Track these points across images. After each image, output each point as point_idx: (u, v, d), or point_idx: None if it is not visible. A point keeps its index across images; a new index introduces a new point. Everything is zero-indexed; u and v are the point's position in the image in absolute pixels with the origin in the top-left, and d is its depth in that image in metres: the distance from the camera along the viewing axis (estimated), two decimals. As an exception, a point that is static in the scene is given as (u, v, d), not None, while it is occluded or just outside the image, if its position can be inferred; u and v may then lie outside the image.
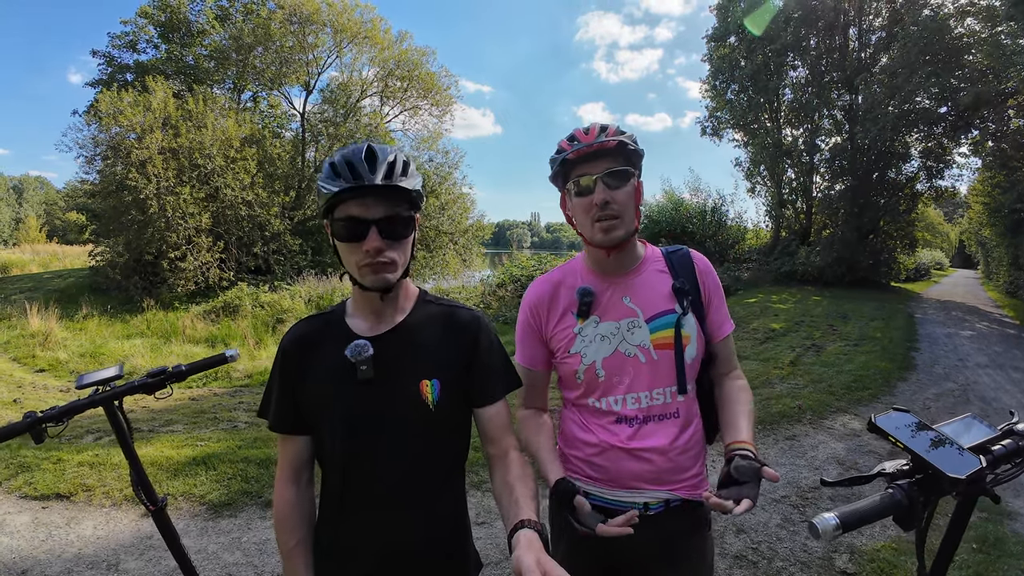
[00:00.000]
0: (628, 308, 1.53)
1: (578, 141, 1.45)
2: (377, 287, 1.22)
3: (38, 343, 10.75)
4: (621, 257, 1.54)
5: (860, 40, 20.74)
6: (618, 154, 1.44)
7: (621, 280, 1.55)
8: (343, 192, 1.15)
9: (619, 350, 1.52)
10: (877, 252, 20.20)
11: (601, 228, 1.45)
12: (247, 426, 5.67)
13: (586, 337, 1.53)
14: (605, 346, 1.52)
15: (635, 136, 1.48)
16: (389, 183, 1.16)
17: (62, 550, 3.35)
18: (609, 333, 1.53)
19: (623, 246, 1.51)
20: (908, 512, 0.96)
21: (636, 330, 1.51)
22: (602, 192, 1.43)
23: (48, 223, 58.20)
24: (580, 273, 1.60)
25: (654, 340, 1.51)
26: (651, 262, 1.59)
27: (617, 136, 1.44)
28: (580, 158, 1.45)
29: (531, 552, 0.95)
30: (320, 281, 16.64)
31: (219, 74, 22.62)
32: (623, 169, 1.44)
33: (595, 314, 1.54)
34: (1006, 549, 3.44)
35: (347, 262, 1.23)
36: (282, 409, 1.30)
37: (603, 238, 1.46)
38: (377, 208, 1.18)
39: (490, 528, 3.60)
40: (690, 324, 1.52)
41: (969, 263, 45.68)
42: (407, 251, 1.26)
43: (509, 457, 1.29)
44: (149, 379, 1.73)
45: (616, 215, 1.44)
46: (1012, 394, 7.14)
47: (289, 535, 1.29)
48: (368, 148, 1.17)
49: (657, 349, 1.51)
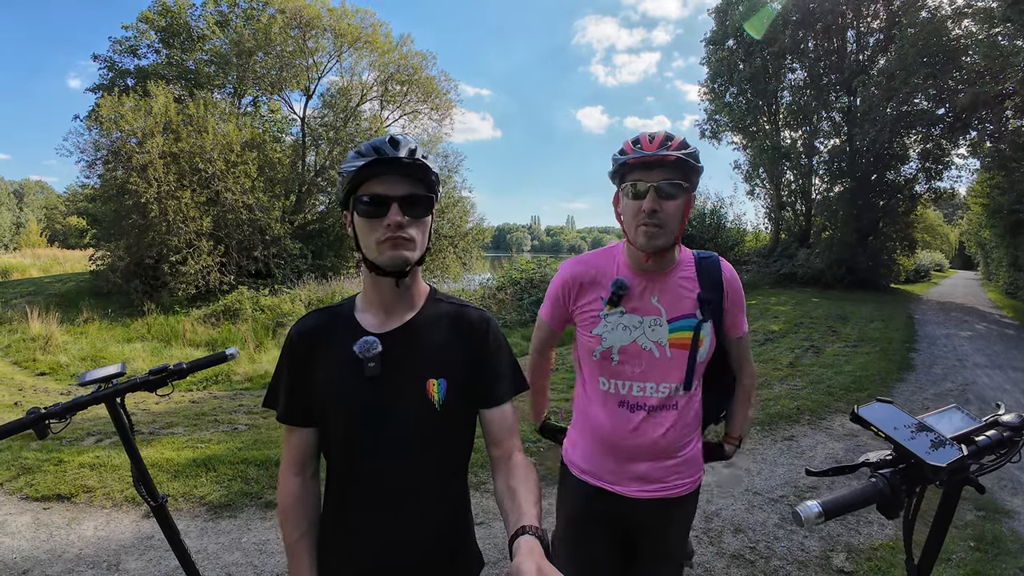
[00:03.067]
0: (654, 306, 1.64)
1: (641, 148, 1.52)
2: (395, 264, 1.22)
3: (39, 347, 10.77)
4: (659, 260, 1.63)
5: (858, 42, 20.81)
6: (676, 167, 1.50)
7: (654, 280, 1.65)
8: (368, 167, 1.17)
9: (637, 341, 1.63)
10: (876, 254, 20.21)
11: (645, 233, 1.53)
12: (247, 428, 5.68)
13: (610, 323, 1.65)
14: (625, 335, 1.64)
15: (698, 152, 1.54)
16: (412, 159, 1.19)
17: (63, 551, 3.36)
18: (632, 324, 1.64)
19: (664, 253, 1.60)
20: (890, 500, 0.98)
21: (657, 328, 1.63)
22: (652, 201, 1.50)
23: (49, 227, 58.24)
24: (619, 264, 1.70)
25: (671, 339, 1.63)
26: (684, 266, 1.68)
27: (679, 151, 1.49)
28: (639, 164, 1.52)
29: (531, 559, 0.94)
30: (320, 285, 16.65)
31: (220, 79, 22.66)
32: (678, 183, 1.51)
33: (623, 305, 1.65)
34: (1003, 547, 3.45)
35: (366, 243, 1.23)
36: (290, 400, 1.30)
37: (644, 243, 1.55)
38: (400, 186, 1.20)
39: (488, 528, 3.62)
40: (707, 330, 1.64)
41: (969, 264, 45.68)
42: (425, 233, 1.27)
43: (513, 460, 1.28)
44: (151, 376, 1.75)
45: (661, 224, 1.52)
46: (1011, 394, 7.16)
47: (293, 528, 1.29)
48: (391, 136, 1.22)
49: (672, 348, 1.63)
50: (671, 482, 1.69)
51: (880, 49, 19.92)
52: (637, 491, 1.69)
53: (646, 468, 1.68)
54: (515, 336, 10.01)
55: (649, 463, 1.68)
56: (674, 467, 1.69)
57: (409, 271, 1.27)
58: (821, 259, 19.48)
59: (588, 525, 1.76)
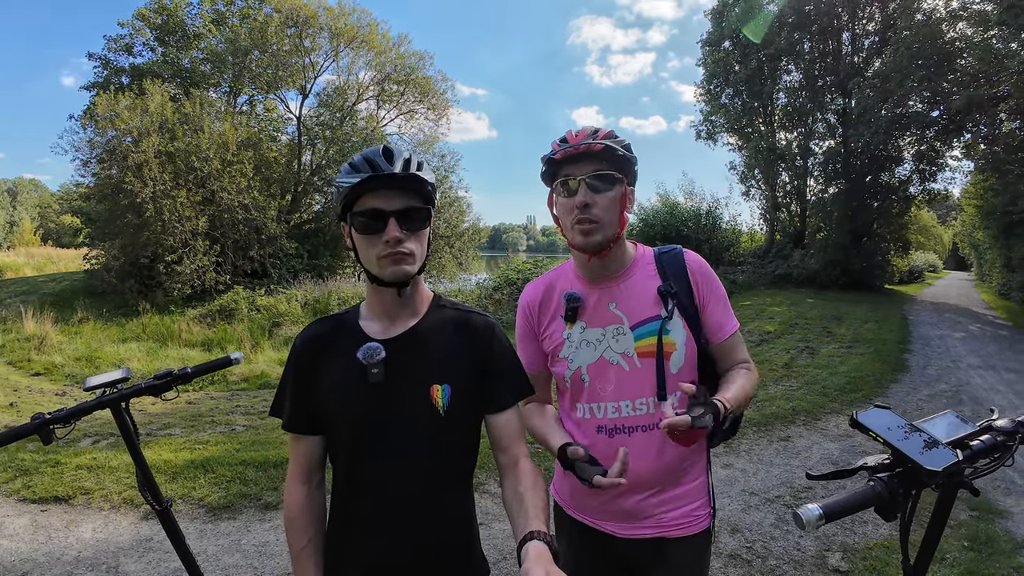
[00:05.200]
0: (614, 315, 1.50)
1: (566, 142, 1.44)
2: (396, 279, 1.24)
3: (33, 347, 10.71)
4: (605, 262, 1.51)
5: (853, 44, 20.91)
6: (605, 158, 1.42)
7: (608, 285, 1.52)
8: (363, 183, 1.18)
9: (604, 357, 1.49)
10: (871, 255, 20.32)
11: (580, 231, 1.44)
12: (245, 429, 5.69)
13: (573, 343, 1.52)
14: (590, 352, 1.51)
15: (628, 143, 1.46)
16: (408, 172, 1.20)
17: (61, 553, 3.36)
18: (595, 339, 1.51)
19: (605, 252, 1.48)
20: (888, 503, 1.01)
21: (621, 337, 1.48)
22: (584, 195, 1.41)
23: (43, 226, 57.94)
24: (570, 277, 1.59)
25: (638, 348, 1.47)
26: (641, 265, 1.55)
27: (606, 140, 1.41)
28: (567, 158, 1.44)
29: (540, 564, 0.95)
30: (316, 285, 16.63)
31: (215, 77, 22.61)
32: (608, 173, 1.42)
33: (582, 320, 1.53)
34: (997, 547, 3.49)
35: (365, 257, 1.25)
36: (296, 408, 1.31)
37: (581, 241, 1.45)
38: (396, 200, 1.21)
39: (488, 529, 3.64)
40: (677, 329, 1.47)
41: (962, 265, 45.91)
42: (424, 244, 1.28)
43: (520, 466, 1.28)
44: (155, 381, 1.76)
45: (595, 219, 1.42)
46: (1004, 395, 7.22)
47: (299, 536, 1.29)
48: (384, 147, 1.23)
49: (641, 357, 1.47)
50: (666, 518, 1.49)
51: (875, 51, 20.02)
52: (627, 530, 1.52)
53: (634, 503, 1.49)
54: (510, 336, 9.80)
55: (637, 496, 1.49)
56: (670, 500, 1.50)
57: (410, 282, 1.28)
58: (816, 260, 19.57)
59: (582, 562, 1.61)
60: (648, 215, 21.34)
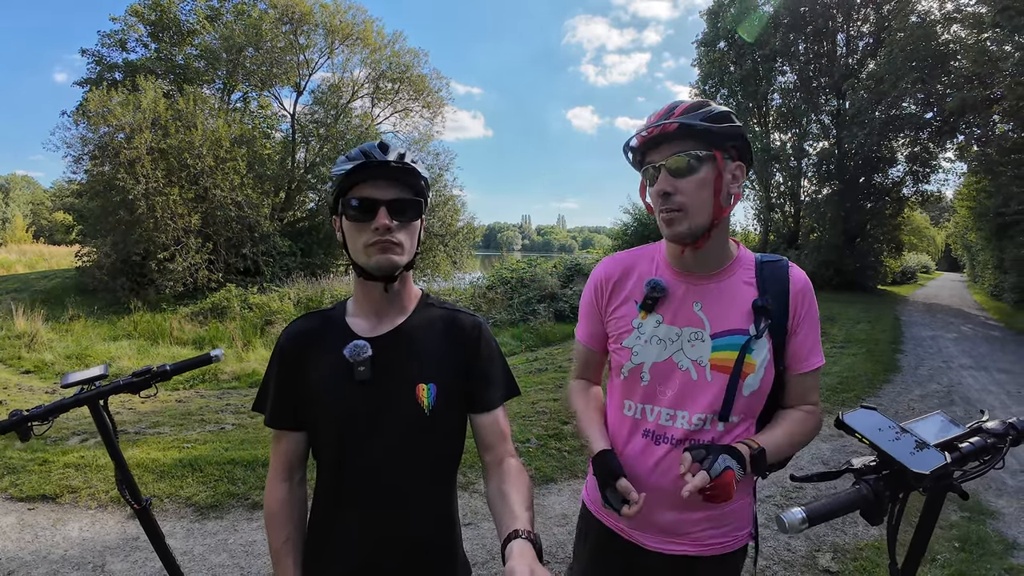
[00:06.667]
0: (696, 316, 1.36)
1: (644, 129, 1.31)
2: (383, 268, 1.22)
3: (24, 344, 10.63)
4: (701, 256, 1.36)
5: (848, 46, 21.02)
6: (687, 136, 1.26)
7: (699, 283, 1.38)
8: (357, 170, 1.18)
9: (673, 359, 1.36)
10: (864, 255, 20.44)
11: (664, 220, 1.31)
12: (234, 428, 5.64)
13: (643, 334, 1.39)
14: (659, 350, 1.37)
15: (723, 111, 1.28)
16: (401, 163, 1.20)
17: (48, 551, 3.33)
18: (668, 338, 1.37)
19: (699, 243, 1.32)
20: (874, 507, 0.99)
21: (698, 343, 1.35)
22: (663, 182, 1.28)
23: (35, 223, 57.55)
24: (658, 262, 1.44)
25: (713, 360, 1.33)
26: (740, 269, 1.39)
27: (682, 117, 1.26)
28: (646, 143, 1.31)
29: (524, 561, 0.94)
30: (309, 283, 16.55)
31: (209, 74, 22.46)
32: (693, 153, 1.25)
33: (659, 313, 1.39)
34: (988, 548, 3.49)
35: (353, 247, 1.23)
36: (279, 405, 1.30)
37: (666, 232, 1.32)
38: (388, 190, 1.21)
39: (476, 529, 3.61)
40: (761, 350, 1.33)
41: (955, 266, 46.21)
42: (414, 237, 1.27)
43: (505, 465, 1.27)
44: (134, 378, 1.73)
45: (679, 207, 1.27)
46: (996, 395, 7.24)
47: (279, 532, 1.29)
48: (381, 141, 1.22)
49: (714, 370, 1.33)
50: (703, 537, 1.40)
51: (869, 53, 20.13)
52: (657, 544, 1.43)
53: (672, 518, 1.40)
54: (504, 335, 9.95)
55: (675, 512, 1.39)
56: (708, 519, 1.40)
57: (398, 275, 1.26)
58: (809, 260, 19.66)
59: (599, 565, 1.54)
60: (642, 215, 21.37)
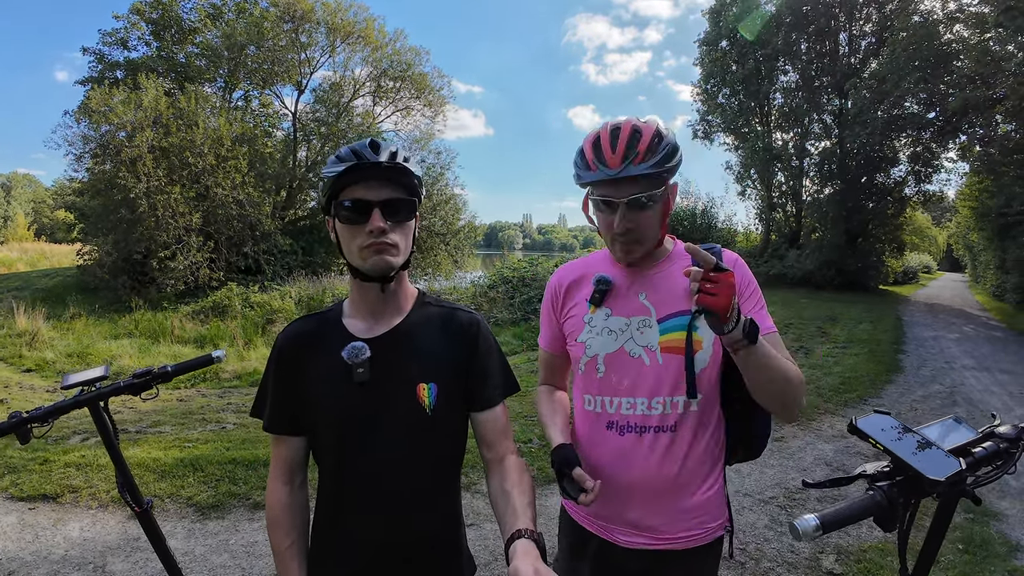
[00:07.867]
0: (642, 305, 1.42)
1: (602, 159, 1.31)
2: (378, 270, 1.21)
3: (25, 343, 10.63)
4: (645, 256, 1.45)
5: (850, 45, 20.98)
6: (647, 178, 1.31)
7: (641, 275, 1.45)
8: (348, 171, 1.16)
9: (624, 348, 1.41)
10: (866, 255, 20.40)
11: (621, 249, 1.39)
12: (235, 427, 5.63)
13: (594, 328, 1.45)
14: (611, 341, 1.43)
15: (672, 143, 1.32)
16: (393, 163, 1.18)
17: (48, 551, 3.32)
18: (618, 328, 1.43)
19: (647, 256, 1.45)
20: (888, 513, 0.97)
21: (646, 330, 1.40)
22: (624, 221, 1.33)
23: (36, 221, 57.56)
24: (604, 263, 1.53)
25: (663, 343, 1.38)
26: (678, 259, 1.46)
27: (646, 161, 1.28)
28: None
29: (528, 561, 0.94)
30: (311, 282, 16.55)
31: (210, 73, 22.45)
32: (649, 195, 1.31)
33: (607, 305, 1.45)
34: (992, 550, 3.48)
35: (348, 249, 1.22)
36: (277, 409, 1.28)
37: (622, 257, 1.41)
38: (381, 191, 1.19)
39: (479, 530, 3.60)
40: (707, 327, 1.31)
41: (957, 267, 46.09)
42: (409, 237, 1.25)
43: (507, 462, 1.27)
44: (134, 380, 1.72)
45: (637, 240, 1.37)
46: (998, 396, 7.22)
47: (283, 537, 1.28)
48: (372, 140, 1.20)
49: (664, 352, 1.38)
50: (672, 530, 1.41)
51: (872, 52, 20.10)
52: (628, 538, 1.44)
53: (639, 511, 1.41)
54: (506, 335, 9.90)
55: (643, 505, 1.41)
56: (678, 513, 1.40)
57: (394, 276, 1.25)
58: (811, 260, 19.63)
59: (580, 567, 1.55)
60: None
